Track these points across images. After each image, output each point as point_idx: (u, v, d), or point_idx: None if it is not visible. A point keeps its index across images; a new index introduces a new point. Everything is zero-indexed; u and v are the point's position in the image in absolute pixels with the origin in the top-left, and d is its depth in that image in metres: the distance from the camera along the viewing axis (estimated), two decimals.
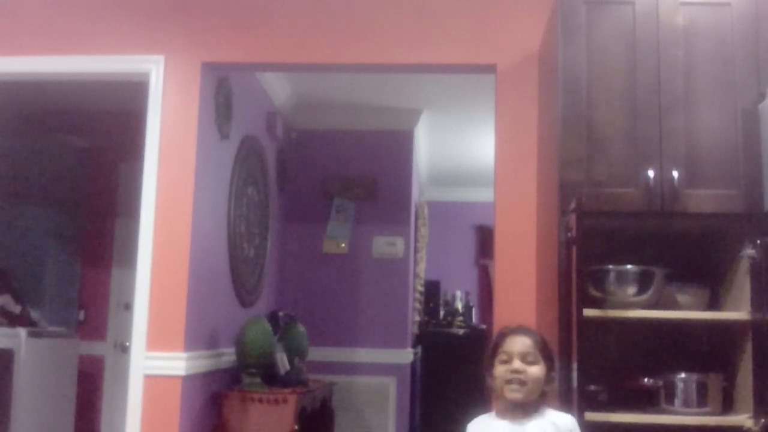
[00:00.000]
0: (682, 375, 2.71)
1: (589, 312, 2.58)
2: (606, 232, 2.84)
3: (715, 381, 2.72)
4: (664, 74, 2.76)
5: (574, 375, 2.54)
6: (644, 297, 2.75)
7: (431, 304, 6.89)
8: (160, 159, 3.50)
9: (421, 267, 6.68)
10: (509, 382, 2.20)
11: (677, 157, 2.71)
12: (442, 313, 6.88)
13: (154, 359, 3.39)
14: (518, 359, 2.21)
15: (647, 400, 2.77)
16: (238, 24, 3.59)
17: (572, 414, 2.35)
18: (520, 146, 3.40)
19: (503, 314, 3.27)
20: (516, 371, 2.19)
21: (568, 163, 2.75)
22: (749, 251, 2.57)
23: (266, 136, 4.96)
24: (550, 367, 2.24)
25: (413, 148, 5.74)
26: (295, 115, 5.52)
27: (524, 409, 2.22)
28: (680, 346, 2.95)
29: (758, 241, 2.54)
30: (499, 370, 2.23)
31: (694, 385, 2.70)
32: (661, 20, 2.79)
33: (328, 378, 4.93)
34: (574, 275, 2.58)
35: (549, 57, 3.10)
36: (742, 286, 2.70)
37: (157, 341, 3.40)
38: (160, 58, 3.56)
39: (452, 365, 6.15)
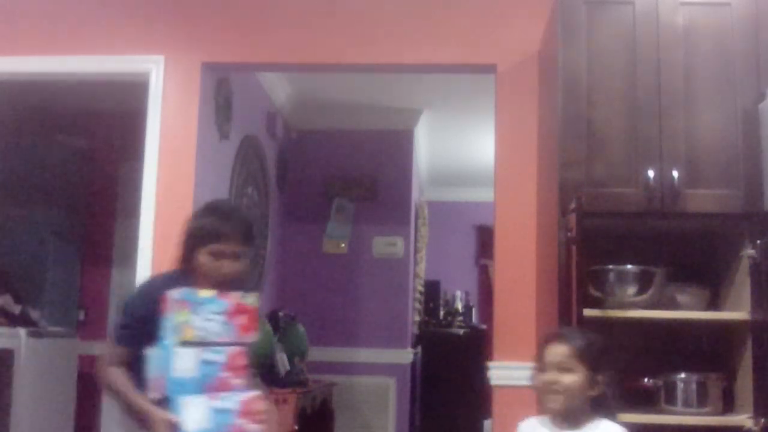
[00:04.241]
0: (682, 375, 2.71)
1: (589, 312, 2.58)
2: (606, 232, 2.84)
3: (715, 381, 2.72)
4: (664, 74, 2.76)
5: None
6: (644, 297, 2.75)
7: (431, 304, 6.87)
8: (160, 159, 3.50)
9: (421, 267, 6.67)
10: (545, 393, 2.19)
11: (677, 157, 2.71)
12: (442, 313, 6.87)
13: None
14: (552, 369, 2.18)
15: (647, 400, 2.77)
16: (238, 24, 3.59)
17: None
18: (520, 146, 3.39)
19: (503, 314, 3.27)
20: (549, 382, 2.17)
21: (568, 163, 2.75)
22: (749, 251, 2.57)
23: (266, 136, 4.95)
24: (592, 373, 2.16)
25: (413, 148, 5.73)
26: (295, 115, 5.52)
27: (571, 418, 2.18)
28: (680, 346, 2.95)
29: (758, 241, 2.54)
30: (538, 380, 2.22)
31: (694, 385, 2.70)
32: (661, 20, 2.79)
33: (328, 378, 4.92)
34: (574, 275, 2.58)
35: (549, 57, 3.10)
36: (742, 286, 2.70)
37: None
38: (160, 58, 3.56)
39: (452, 365, 6.13)
